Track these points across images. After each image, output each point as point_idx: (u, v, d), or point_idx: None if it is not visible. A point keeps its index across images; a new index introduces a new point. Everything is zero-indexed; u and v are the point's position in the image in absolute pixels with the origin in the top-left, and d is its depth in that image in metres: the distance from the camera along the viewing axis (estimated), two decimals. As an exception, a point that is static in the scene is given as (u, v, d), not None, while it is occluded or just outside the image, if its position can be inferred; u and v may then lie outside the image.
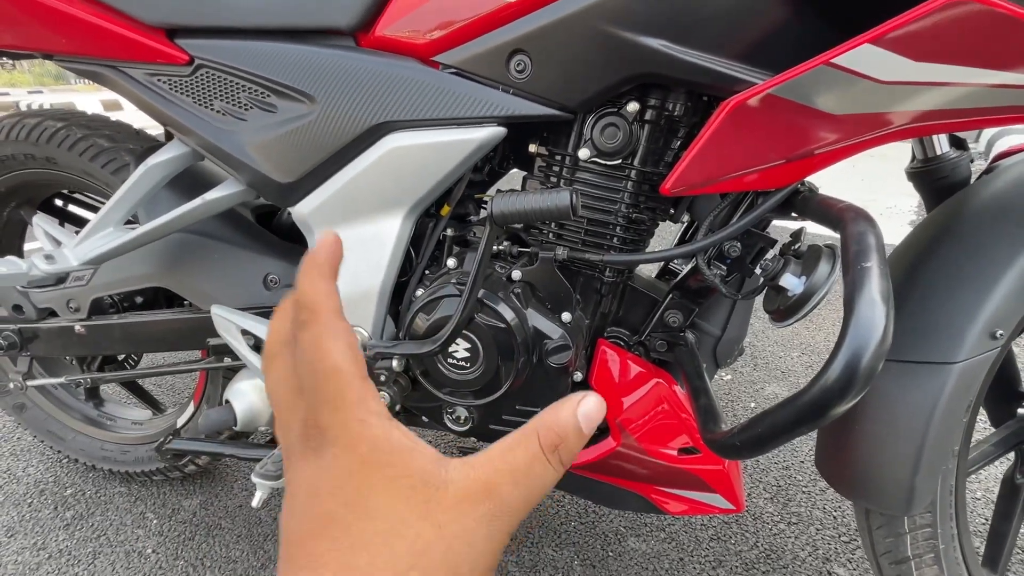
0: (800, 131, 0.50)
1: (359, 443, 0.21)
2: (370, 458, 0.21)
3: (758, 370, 1.54)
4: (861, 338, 0.35)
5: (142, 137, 0.92)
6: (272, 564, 0.98)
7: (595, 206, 0.64)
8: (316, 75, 0.61)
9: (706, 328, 0.74)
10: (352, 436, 0.21)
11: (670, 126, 0.62)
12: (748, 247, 0.64)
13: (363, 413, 0.21)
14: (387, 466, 0.21)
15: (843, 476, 0.67)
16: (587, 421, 0.23)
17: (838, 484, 0.69)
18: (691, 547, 1.00)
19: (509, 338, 0.63)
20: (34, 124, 0.89)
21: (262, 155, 0.66)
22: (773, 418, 0.41)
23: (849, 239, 0.41)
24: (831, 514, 1.07)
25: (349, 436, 0.21)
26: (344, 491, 0.21)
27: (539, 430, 0.22)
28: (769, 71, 0.50)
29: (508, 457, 0.22)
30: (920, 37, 0.41)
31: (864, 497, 0.65)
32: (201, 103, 0.68)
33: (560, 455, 0.22)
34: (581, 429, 0.23)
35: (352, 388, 0.21)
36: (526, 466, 0.22)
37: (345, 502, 0.20)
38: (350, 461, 0.21)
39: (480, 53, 0.57)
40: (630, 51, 0.52)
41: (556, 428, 0.22)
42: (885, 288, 0.36)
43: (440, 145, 0.60)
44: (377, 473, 0.21)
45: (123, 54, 0.68)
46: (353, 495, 0.20)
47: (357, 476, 0.21)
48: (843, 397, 0.37)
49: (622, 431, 0.70)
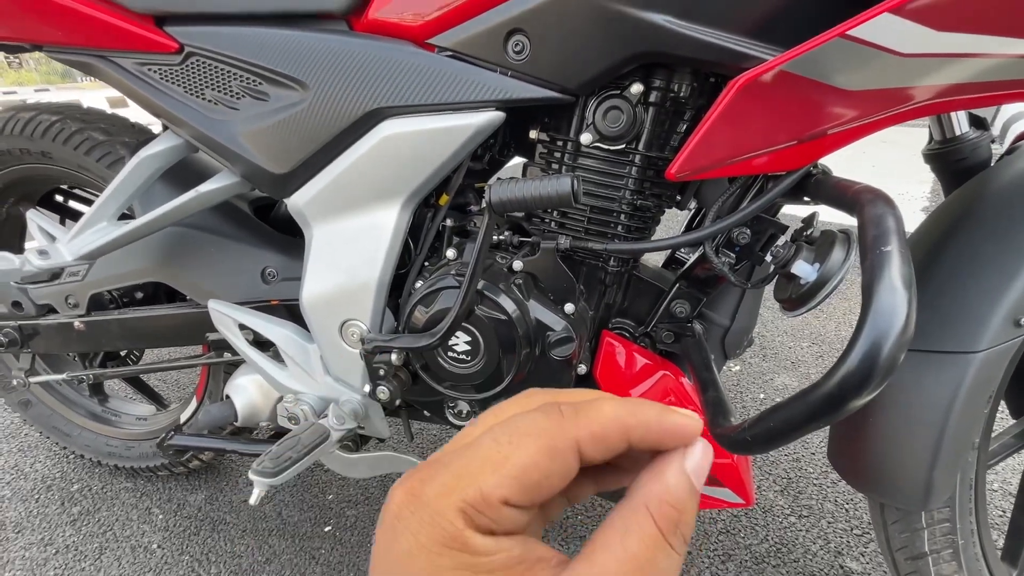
0: (813, 109, 0.47)
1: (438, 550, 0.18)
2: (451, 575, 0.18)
3: (767, 361, 1.51)
4: (881, 326, 0.33)
5: (137, 130, 0.90)
6: (277, 559, 0.97)
7: (598, 193, 0.62)
8: (308, 61, 0.59)
9: (714, 318, 0.72)
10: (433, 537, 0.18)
11: (675, 108, 0.59)
12: (758, 234, 0.61)
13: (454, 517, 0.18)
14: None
15: (857, 470, 0.65)
16: (699, 478, 0.20)
17: (851, 478, 0.67)
18: (699, 540, 0.99)
19: (510, 330, 0.61)
20: (29, 118, 0.87)
21: (255, 145, 0.64)
22: (787, 412, 0.39)
23: (867, 222, 0.39)
24: (843, 507, 1.05)
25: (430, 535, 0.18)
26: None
27: (650, 506, 0.18)
28: (780, 47, 0.47)
29: (620, 553, 0.18)
30: (943, 5, 0.39)
31: (879, 491, 0.63)
32: (192, 92, 0.66)
33: (682, 533, 0.19)
34: (695, 490, 0.19)
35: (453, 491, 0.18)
36: (646, 560, 0.18)
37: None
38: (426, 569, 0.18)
39: (476, 34, 0.54)
40: (633, 28, 0.49)
41: (669, 499, 0.19)
42: (907, 273, 0.34)
43: (437, 131, 0.58)
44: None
45: (112, 43, 0.66)
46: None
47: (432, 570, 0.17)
48: (862, 390, 0.34)
49: (628, 425, 0.68)
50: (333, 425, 0.68)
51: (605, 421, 0.20)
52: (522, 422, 0.20)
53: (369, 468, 0.78)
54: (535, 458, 0.19)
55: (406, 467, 0.74)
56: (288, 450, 0.62)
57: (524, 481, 0.18)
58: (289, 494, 1.11)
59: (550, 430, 0.19)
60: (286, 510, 1.08)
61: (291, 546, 1.00)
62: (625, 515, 0.19)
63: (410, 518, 0.18)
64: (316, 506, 1.09)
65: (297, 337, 0.74)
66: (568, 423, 0.20)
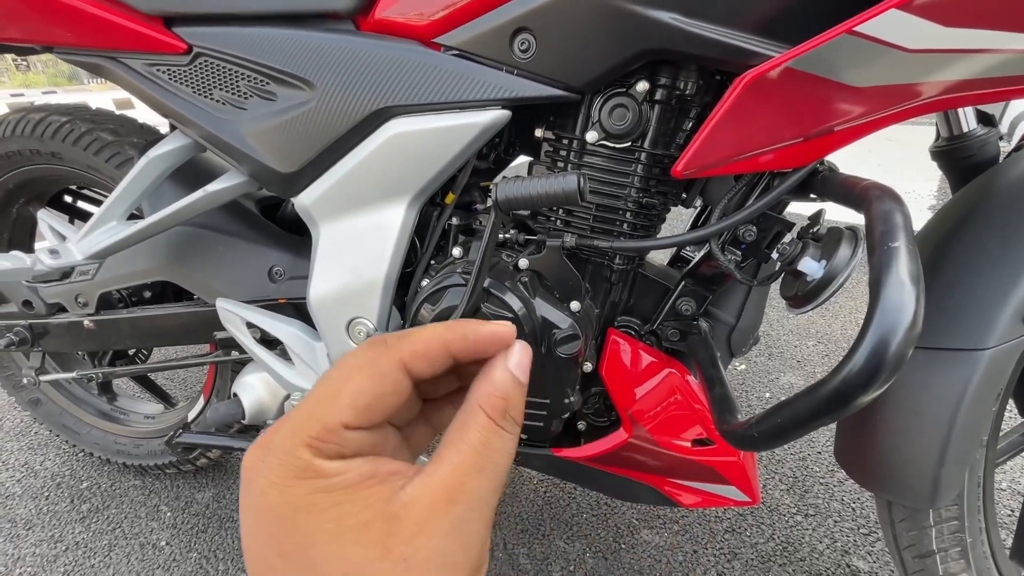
0: (820, 106, 0.47)
1: (290, 483, 0.19)
2: (307, 500, 0.19)
3: (773, 359, 1.50)
4: (889, 323, 0.33)
5: (146, 131, 0.91)
6: (284, 556, 0.98)
7: (604, 191, 0.62)
8: (315, 60, 0.60)
9: (720, 316, 0.72)
10: (284, 474, 0.19)
11: (681, 106, 0.59)
12: (764, 231, 0.61)
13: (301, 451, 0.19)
14: (331, 507, 0.18)
15: (864, 467, 0.65)
16: (521, 370, 0.23)
17: (858, 476, 0.66)
18: (705, 539, 0.99)
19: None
20: (39, 119, 0.88)
21: (262, 144, 0.65)
22: (793, 408, 0.39)
23: (875, 218, 0.39)
24: (850, 506, 1.05)
25: (280, 473, 0.19)
26: (278, 539, 0.18)
27: (480, 401, 0.22)
28: (786, 44, 0.47)
29: (461, 446, 0.21)
30: (950, 0, 0.39)
31: (886, 489, 0.63)
32: (200, 92, 0.66)
33: (511, 416, 0.22)
34: (520, 381, 0.23)
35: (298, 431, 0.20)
36: (483, 445, 0.21)
37: (281, 552, 0.18)
38: (280, 502, 0.19)
39: (482, 33, 0.55)
40: (640, 26, 0.49)
41: (496, 392, 0.22)
42: (914, 269, 0.34)
43: (443, 130, 0.58)
44: (317, 518, 0.18)
45: (121, 44, 0.67)
46: (289, 545, 0.18)
47: (289, 521, 0.18)
48: (869, 386, 0.34)
49: (634, 422, 0.69)
50: (340, 423, 0.69)
51: (426, 339, 0.23)
52: (349, 358, 0.22)
53: (376, 466, 0.78)
54: (362, 384, 0.21)
55: (413, 464, 0.74)
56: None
57: (357, 405, 0.21)
58: (296, 492, 1.12)
59: (374, 358, 0.22)
60: (293, 508, 1.08)
61: (298, 543, 1.00)
62: (462, 415, 0.22)
63: (261, 466, 0.20)
64: (322, 504, 1.09)
65: (304, 335, 0.75)
66: (391, 348, 0.22)
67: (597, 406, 0.74)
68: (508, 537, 1.00)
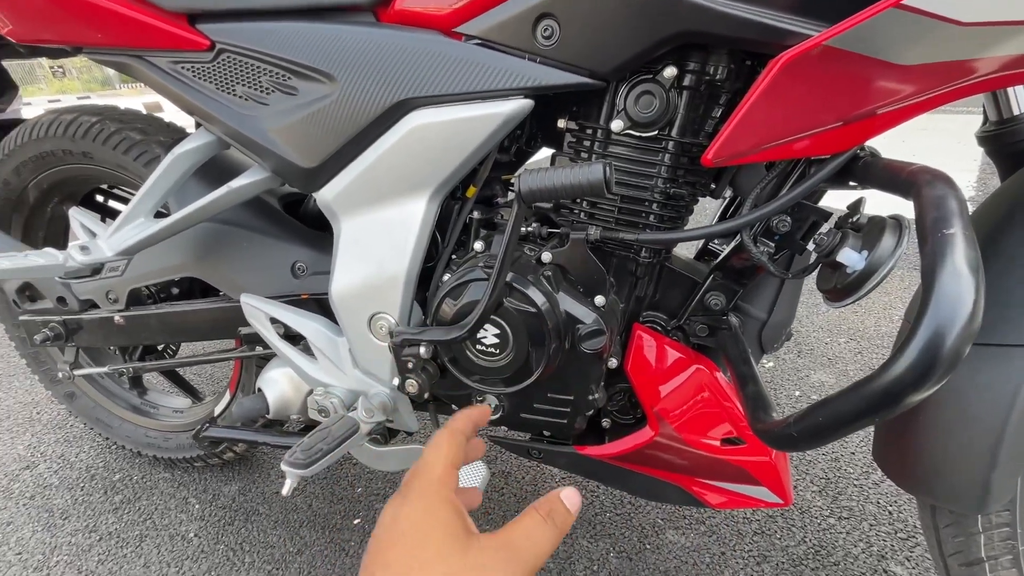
0: (863, 87, 0.44)
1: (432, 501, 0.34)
2: (434, 510, 0.34)
3: (803, 357, 1.46)
4: (945, 315, 0.31)
5: (172, 129, 0.92)
6: (308, 550, 0.99)
7: (629, 182, 0.60)
8: (335, 54, 0.59)
9: (751, 311, 0.69)
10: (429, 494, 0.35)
11: (711, 92, 0.57)
12: (799, 221, 0.58)
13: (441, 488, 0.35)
14: (445, 519, 0.33)
15: (905, 470, 0.62)
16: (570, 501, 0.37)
17: (899, 478, 0.63)
18: (733, 541, 0.96)
19: (540, 323, 0.60)
20: (70, 120, 0.90)
21: (285, 139, 0.65)
22: (837, 406, 0.37)
23: (926, 204, 0.36)
24: (886, 509, 1.01)
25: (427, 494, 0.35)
26: (414, 523, 0.33)
27: (535, 505, 0.36)
28: (825, 22, 0.45)
29: (519, 524, 0.34)
30: (1012, -33, 0.36)
31: (930, 493, 0.60)
32: (223, 89, 0.67)
33: (554, 519, 0.35)
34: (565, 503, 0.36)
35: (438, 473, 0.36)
36: (532, 527, 0.34)
37: (413, 529, 0.32)
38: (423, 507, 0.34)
39: (505, 20, 0.53)
40: (669, 7, 0.47)
41: (547, 503, 0.36)
42: (973, 258, 0.31)
43: (465, 121, 0.57)
44: (436, 519, 0.33)
45: (146, 42, 0.67)
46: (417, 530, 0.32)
47: (424, 516, 0.33)
48: (921, 384, 0.32)
49: (660, 420, 0.67)
50: (362, 418, 0.69)
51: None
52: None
53: (398, 461, 0.78)
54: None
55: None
56: (319, 442, 0.63)
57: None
58: (320, 487, 1.13)
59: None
60: (316, 502, 1.09)
61: (321, 537, 1.01)
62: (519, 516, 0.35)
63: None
64: (345, 499, 1.10)
65: (326, 330, 0.75)
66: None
67: (622, 403, 0.72)
68: (530, 535, 0.99)
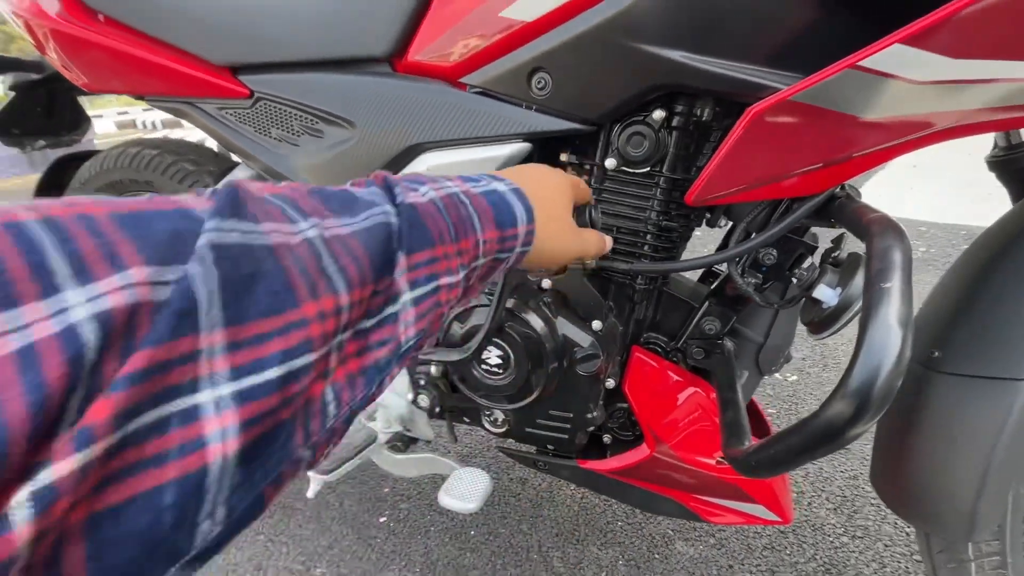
0: (832, 136, 0.47)
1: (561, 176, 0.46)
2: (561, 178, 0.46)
3: (828, 370, 1.44)
4: (873, 363, 0.34)
5: (221, 159, 1.02)
6: (338, 544, 1.07)
7: (624, 214, 0.64)
8: (355, 102, 0.66)
9: (748, 335, 0.71)
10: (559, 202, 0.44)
11: (700, 131, 0.60)
12: (786, 253, 0.61)
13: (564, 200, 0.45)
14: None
15: (898, 496, 0.63)
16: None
17: (893, 504, 0.65)
18: (742, 555, 0.98)
19: (539, 346, 0.65)
20: (135, 152, 1.02)
21: (312, 177, 0.72)
22: (787, 440, 0.40)
23: (874, 254, 0.39)
24: (903, 530, 1.00)
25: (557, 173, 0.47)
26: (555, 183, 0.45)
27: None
28: (798, 72, 0.48)
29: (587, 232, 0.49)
30: (957, 33, 0.38)
31: (921, 519, 0.61)
32: (261, 131, 0.75)
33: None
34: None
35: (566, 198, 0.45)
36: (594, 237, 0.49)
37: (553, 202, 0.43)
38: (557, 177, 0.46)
39: (502, 73, 0.58)
40: (649, 64, 0.51)
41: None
42: (904, 313, 0.34)
43: (468, 163, 0.63)
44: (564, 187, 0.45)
45: (197, 92, 0.76)
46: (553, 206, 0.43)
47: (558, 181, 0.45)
48: (857, 422, 0.35)
49: (656, 439, 0.70)
50: (381, 428, 0.75)
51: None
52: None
53: (415, 468, 0.84)
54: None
55: (444, 470, 0.79)
56: (340, 450, 0.70)
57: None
58: (350, 485, 1.22)
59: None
60: (347, 500, 1.18)
61: (350, 533, 1.09)
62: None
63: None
64: (373, 498, 1.18)
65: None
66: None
67: (622, 421, 0.76)
68: (543, 540, 1.04)
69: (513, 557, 1.01)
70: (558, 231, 0.42)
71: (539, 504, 1.12)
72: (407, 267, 0.27)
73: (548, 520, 1.08)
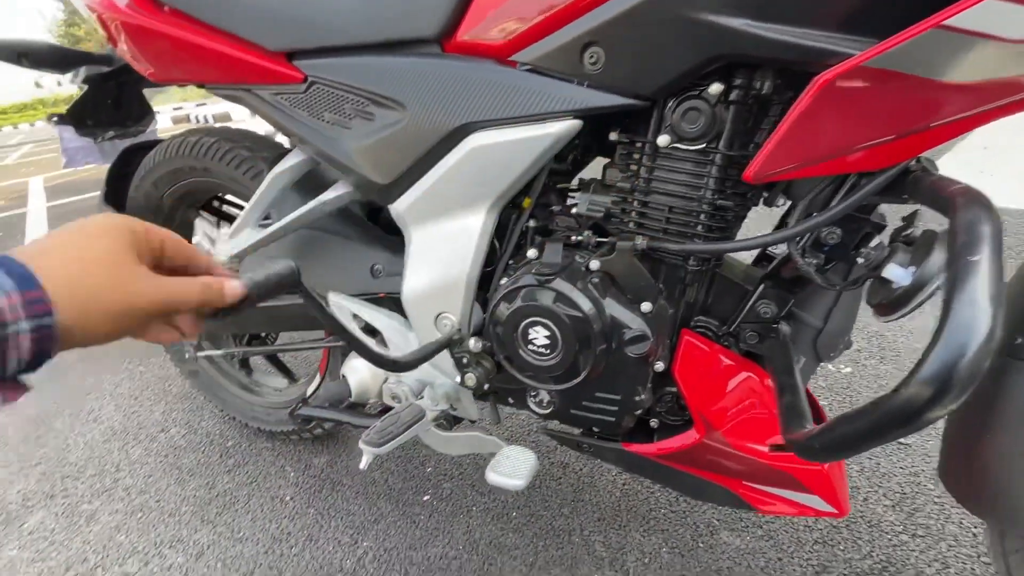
0: (910, 105, 0.44)
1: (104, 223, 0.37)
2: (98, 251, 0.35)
3: (885, 363, 1.37)
4: (958, 342, 0.32)
5: (274, 146, 1.06)
6: (383, 520, 1.11)
7: (677, 193, 0.62)
8: (405, 83, 0.67)
9: (806, 319, 0.68)
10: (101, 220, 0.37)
11: (760, 104, 0.57)
12: (851, 232, 0.58)
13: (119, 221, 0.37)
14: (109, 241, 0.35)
15: (971, 491, 0.60)
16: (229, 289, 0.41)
17: (964, 499, 0.61)
18: (791, 548, 0.95)
19: (586, 327, 0.64)
20: (195, 141, 1.06)
21: (364, 159, 0.74)
22: (857, 422, 0.38)
23: (958, 227, 0.36)
24: (970, 530, 0.94)
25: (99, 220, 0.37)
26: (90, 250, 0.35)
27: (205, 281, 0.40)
28: (870, 38, 0.45)
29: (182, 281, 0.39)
30: (1064, -16, 0.35)
31: (995, 517, 0.57)
32: (314, 115, 0.77)
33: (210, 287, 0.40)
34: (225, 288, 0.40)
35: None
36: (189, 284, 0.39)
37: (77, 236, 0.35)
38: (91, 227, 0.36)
39: (554, 49, 0.58)
40: (708, 34, 0.49)
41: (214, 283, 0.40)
42: (994, 288, 0.32)
43: (518, 142, 0.62)
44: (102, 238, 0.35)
45: (254, 78, 0.79)
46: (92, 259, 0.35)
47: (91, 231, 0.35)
48: (936, 404, 0.33)
49: (707, 424, 0.69)
50: (428, 406, 0.77)
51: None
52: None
53: (460, 446, 0.86)
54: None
55: (491, 448, 0.80)
56: (390, 425, 0.72)
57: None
58: (395, 463, 1.25)
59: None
60: (392, 478, 1.21)
61: (395, 510, 1.13)
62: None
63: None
64: (417, 476, 1.21)
65: (399, 326, 0.84)
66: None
67: (670, 405, 0.75)
68: (585, 524, 1.04)
69: (555, 539, 1.01)
70: (102, 285, 0.33)
71: (580, 489, 1.12)
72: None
73: (589, 505, 1.08)
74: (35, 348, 0.30)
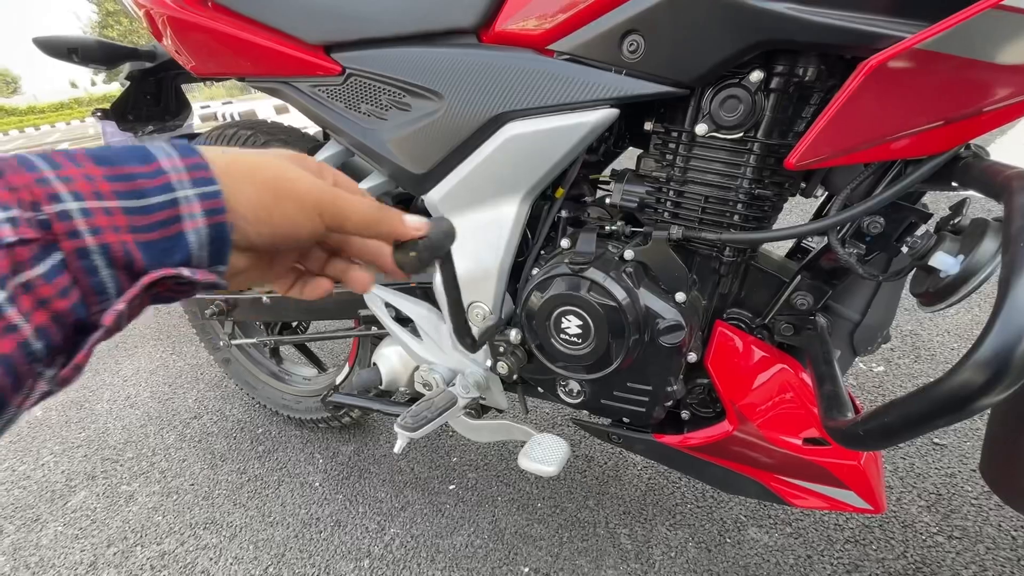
0: (962, 89, 0.43)
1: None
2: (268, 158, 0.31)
3: (920, 362, 1.33)
4: (1015, 326, 0.31)
5: (307, 139, 1.08)
6: (410, 507, 1.12)
7: (714, 182, 0.62)
8: (442, 73, 0.68)
9: (843, 312, 0.68)
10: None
11: (800, 92, 0.57)
12: (895, 222, 0.57)
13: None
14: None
15: (1015, 487, 0.58)
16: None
17: (1009, 496, 0.60)
18: (822, 546, 0.93)
19: (619, 317, 0.65)
20: (232, 133, 1.09)
21: (399, 150, 0.75)
22: (906, 407, 0.38)
23: (1014, 211, 0.36)
24: (1009, 533, 0.92)
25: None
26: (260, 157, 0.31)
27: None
28: (920, 21, 0.44)
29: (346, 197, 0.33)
30: None
31: (1042, 513, 0.56)
32: (351, 107, 0.78)
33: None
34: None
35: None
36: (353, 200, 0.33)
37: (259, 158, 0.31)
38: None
39: (593, 38, 0.58)
40: (751, 19, 0.49)
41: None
42: (1054, 270, 0.31)
43: (554, 130, 0.63)
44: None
45: (293, 71, 0.81)
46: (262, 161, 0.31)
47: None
48: (989, 391, 0.33)
49: (740, 416, 0.68)
50: (460, 393, 0.78)
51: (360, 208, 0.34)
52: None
53: (490, 434, 0.87)
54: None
55: (521, 436, 0.81)
56: (424, 410, 0.73)
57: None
58: (421, 453, 1.27)
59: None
60: (418, 467, 1.23)
61: (421, 498, 1.14)
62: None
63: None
64: (443, 466, 1.22)
65: (431, 315, 0.85)
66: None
67: (702, 397, 0.74)
68: (610, 516, 1.04)
69: (580, 531, 1.02)
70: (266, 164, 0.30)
71: (605, 482, 1.12)
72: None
73: (615, 498, 1.08)
74: (209, 223, 0.26)
